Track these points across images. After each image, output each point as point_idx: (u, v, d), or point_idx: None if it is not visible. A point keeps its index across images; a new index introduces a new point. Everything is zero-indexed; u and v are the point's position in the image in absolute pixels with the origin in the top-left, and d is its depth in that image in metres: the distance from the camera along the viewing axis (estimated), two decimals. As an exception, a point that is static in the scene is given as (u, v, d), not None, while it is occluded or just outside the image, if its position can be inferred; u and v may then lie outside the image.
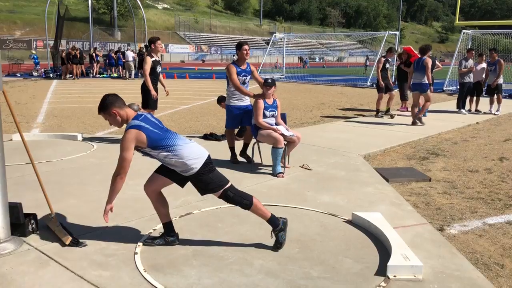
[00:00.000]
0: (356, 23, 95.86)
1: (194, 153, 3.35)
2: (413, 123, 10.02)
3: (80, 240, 3.60)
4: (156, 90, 7.56)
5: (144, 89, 7.47)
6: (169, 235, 3.61)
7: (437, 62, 11.59)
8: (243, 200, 3.46)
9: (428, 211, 4.64)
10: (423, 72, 9.83)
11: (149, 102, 7.50)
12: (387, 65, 11.32)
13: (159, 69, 7.55)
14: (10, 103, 3.59)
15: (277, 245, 3.54)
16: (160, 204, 3.59)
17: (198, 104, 13.78)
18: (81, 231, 3.83)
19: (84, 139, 7.82)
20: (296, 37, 50.49)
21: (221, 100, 8.49)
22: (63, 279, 3.03)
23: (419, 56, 10.41)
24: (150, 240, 3.63)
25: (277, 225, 3.53)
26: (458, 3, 19.49)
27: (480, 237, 3.99)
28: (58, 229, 3.68)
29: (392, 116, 11.07)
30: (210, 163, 3.43)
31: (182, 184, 3.57)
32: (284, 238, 3.55)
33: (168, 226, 3.62)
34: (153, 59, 7.39)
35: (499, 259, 3.56)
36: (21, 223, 3.63)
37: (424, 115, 11.39)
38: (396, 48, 12.29)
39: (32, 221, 3.75)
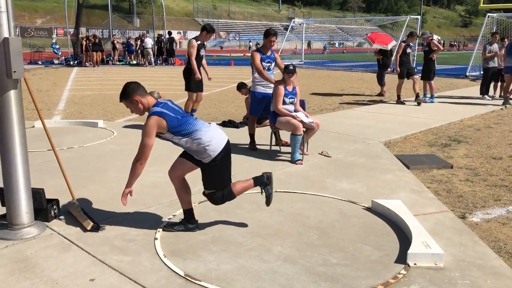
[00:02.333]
0: (376, 7, 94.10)
1: (214, 138, 3.38)
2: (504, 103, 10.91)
3: (101, 225, 3.66)
4: (200, 72, 7.57)
5: (187, 72, 7.46)
6: (189, 222, 3.64)
7: (435, 42, 11.32)
8: (225, 201, 3.57)
9: (450, 199, 4.57)
10: None
11: (191, 85, 7.49)
12: (408, 50, 11.15)
13: (202, 52, 7.54)
14: (32, 91, 3.64)
15: (267, 199, 3.66)
16: (183, 190, 3.60)
17: (216, 91, 13.77)
18: (102, 216, 3.89)
19: (105, 125, 7.90)
20: (315, 23, 49.88)
21: (241, 86, 8.46)
22: (85, 264, 3.08)
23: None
24: (170, 226, 3.66)
25: (262, 181, 3.63)
26: (482, -15, 18.95)
27: (504, 225, 3.92)
28: (79, 215, 3.74)
29: (419, 103, 10.81)
30: (227, 152, 3.46)
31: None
32: (270, 191, 3.64)
33: (189, 213, 3.64)
34: (199, 42, 7.36)
35: (522, 248, 3.49)
36: (44, 208, 3.70)
37: (432, 101, 11.12)
38: (418, 33, 12.10)
39: (55, 207, 3.81)
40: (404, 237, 3.55)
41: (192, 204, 3.67)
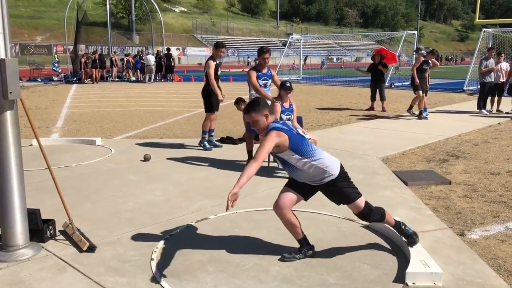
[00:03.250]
0: (374, 23, 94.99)
1: (331, 160, 3.41)
2: None
3: (97, 246, 3.63)
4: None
5: (206, 92, 7.40)
6: (307, 248, 3.53)
7: (433, 60, 11.40)
8: (379, 212, 3.51)
9: (448, 216, 4.55)
10: None
11: (212, 105, 7.42)
12: (425, 66, 10.98)
13: (219, 72, 7.49)
14: (27, 111, 3.64)
15: (411, 241, 3.51)
16: (294, 223, 3.48)
17: (215, 107, 13.78)
18: (98, 236, 3.86)
19: (103, 143, 7.88)
20: (313, 38, 50.31)
21: (238, 101, 8.48)
22: (80, 285, 3.05)
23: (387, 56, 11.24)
24: (289, 255, 3.49)
25: (401, 229, 3.57)
26: (477, 1, 19.15)
27: (502, 242, 3.90)
28: (75, 235, 3.71)
29: (416, 115, 10.87)
30: (345, 172, 3.46)
31: (307, 198, 3.56)
32: (411, 230, 3.56)
33: (304, 241, 3.54)
34: (215, 62, 7.36)
35: (522, 266, 3.46)
36: (39, 229, 3.68)
37: (426, 118, 11.07)
38: (420, 48, 12.02)
39: (50, 227, 3.79)
40: (402, 255, 3.53)
41: (303, 232, 3.55)
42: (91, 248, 3.57)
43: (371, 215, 3.46)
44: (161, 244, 3.71)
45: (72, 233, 3.76)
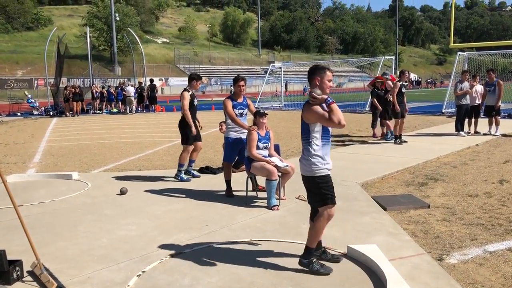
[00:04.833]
0: (353, 49, 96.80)
1: None
2: None
3: (66, 286, 3.50)
4: (195, 123, 7.39)
5: (183, 124, 7.30)
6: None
7: (390, 83, 11.47)
8: None
9: (427, 240, 4.51)
10: None
11: (189, 138, 7.31)
12: (403, 89, 11.05)
13: (195, 102, 7.41)
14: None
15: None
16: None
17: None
18: (67, 275, 3.72)
19: (79, 177, 7.74)
20: (294, 66, 51.00)
21: (220, 123, 8.44)
22: (45, 330, 2.92)
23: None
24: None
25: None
26: (451, 26, 19.68)
27: (481, 266, 3.86)
28: (43, 275, 3.58)
29: (402, 142, 10.80)
30: None
31: None
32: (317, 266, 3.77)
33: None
34: (190, 93, 7.29)
35: (500, 290, 3.43)
36: (5, 271, 3.54)
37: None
38: (390, 72, 12.15)
39: (17, 268, 3.65)
40: (380, 283, 3.46)
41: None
42: (59, 289, 3.44)
43: None
44: (133, 281, 3.59)
45: (40, 273, 3.62)
